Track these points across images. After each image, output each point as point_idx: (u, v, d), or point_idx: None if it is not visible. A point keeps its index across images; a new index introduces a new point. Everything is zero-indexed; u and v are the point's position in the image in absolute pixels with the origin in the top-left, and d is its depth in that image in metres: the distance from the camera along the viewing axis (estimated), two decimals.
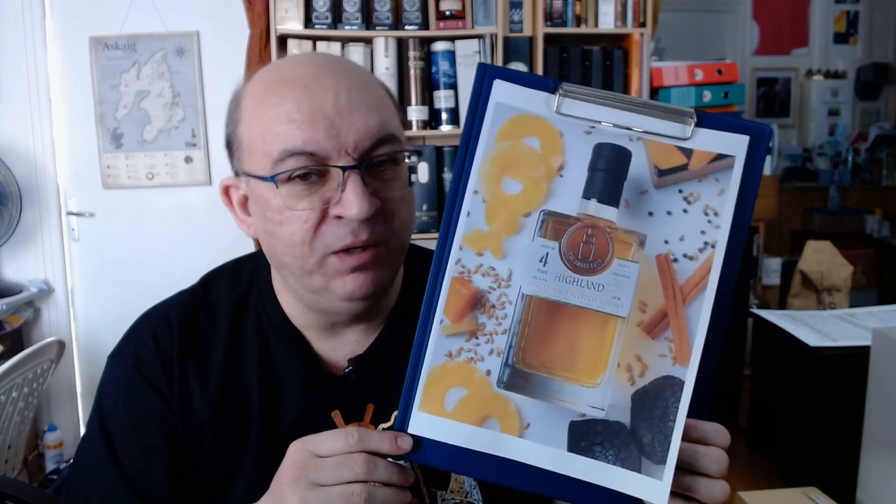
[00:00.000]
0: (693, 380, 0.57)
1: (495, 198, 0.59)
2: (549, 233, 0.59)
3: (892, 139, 5.17)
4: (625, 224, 0.59)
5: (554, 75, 2.80)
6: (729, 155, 0.59)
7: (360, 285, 0.73)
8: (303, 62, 0.75)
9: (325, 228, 0.71)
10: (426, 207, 2.78)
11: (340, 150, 0.69)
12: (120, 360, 0.81)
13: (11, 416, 1.98)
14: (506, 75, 0.60)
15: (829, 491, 1.60)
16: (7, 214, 2.81)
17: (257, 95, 0.74)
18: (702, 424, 0.59)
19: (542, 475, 0.57)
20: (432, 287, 0.60)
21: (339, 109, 0.70)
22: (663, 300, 0.58)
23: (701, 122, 0.60)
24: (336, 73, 0.72)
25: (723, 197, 0.59)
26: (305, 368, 0.80)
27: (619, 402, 0.57)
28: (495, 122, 0.60)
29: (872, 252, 4.65)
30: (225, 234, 2.89)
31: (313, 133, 0.69)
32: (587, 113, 0.60)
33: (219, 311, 0.82)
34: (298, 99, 0.70)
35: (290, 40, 2.69)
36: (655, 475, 0.56)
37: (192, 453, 0.78)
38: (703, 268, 0.58)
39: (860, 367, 1.76)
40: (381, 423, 0.80)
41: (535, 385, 0.58)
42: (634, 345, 0.58)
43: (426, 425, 0.59)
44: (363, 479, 0.58)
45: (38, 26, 2.93)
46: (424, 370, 0.59)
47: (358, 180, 0.69)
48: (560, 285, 0.58)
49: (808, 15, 5.51)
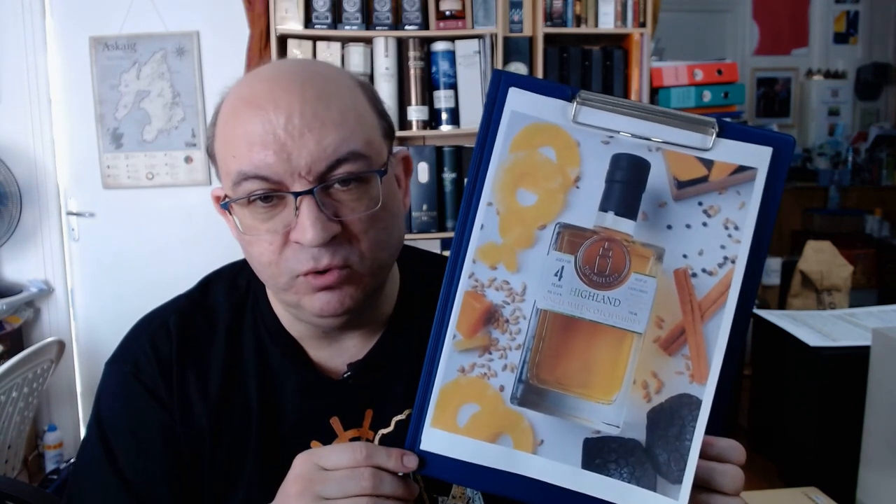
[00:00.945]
0: (711, 399, 0.56)
1: (509, 210, 0.58)
2: (564, 246, 0.58)
3: (892, 139, 5.17)
4: (642, 237, 0.57)
5: (554, 75, 2.80)
6: (751, 167, 0.57)
7: (327, 303, 0.71)
8: (262, 78, 0.72)
9: (287, 252, 0.69)
10: (426, 207, 2.78)
11: (293, 174, 0.66)
12: (118, 368, 0.80)
13: (11, 416, 1.98)
14: (521, 83, 0.59)
15: (829, 491, 1.60)
16: (7, 214, 2.81)
17: (225, 113, 0.73)
18: (717, 441, 0.58)
19: (556, 492, 0.57)
20: (444, 301, 0.58)
21: (290, 131, 0.66)
22: (681, 316, 0.57)
23: (723, 133, 0.58)
24: (291, 89, 0.68)
25: (744, 210, 0.57)
26: (304, 374, 0.80)
27: (634, 420, 0.57)
28: (510, 131, 0.58)
29: (872, 252, 4.65)
30: (225, 234, 2.87)
31: (265, 157, 0.66)
32: (605, 122, 0.58)
33: (217, 317, 0.82)
34: (253, 121, 0.68)
35: (290, 40, 2.68)
36: (671, 494, 0.55)
37: (192, 459, 0.78)
38: (723, 283, 0.57)
39: (860, 367, 1.76)
40: (380, 429, 0.80)
41: (549, 401, 0.57)
42: (651, 361, 0.57)
43: (438, 441, 0.58)
44: (369, 494, 0.57)
45: (38, 26, 2.92)
46: (437, 386, 0.58)
47: (312, 205, 0.66)
48: (575, 300, 0.57)
49: (808, 15, 5.51)
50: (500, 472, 0.57)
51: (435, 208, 2.79)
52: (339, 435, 0.78)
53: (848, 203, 5.06)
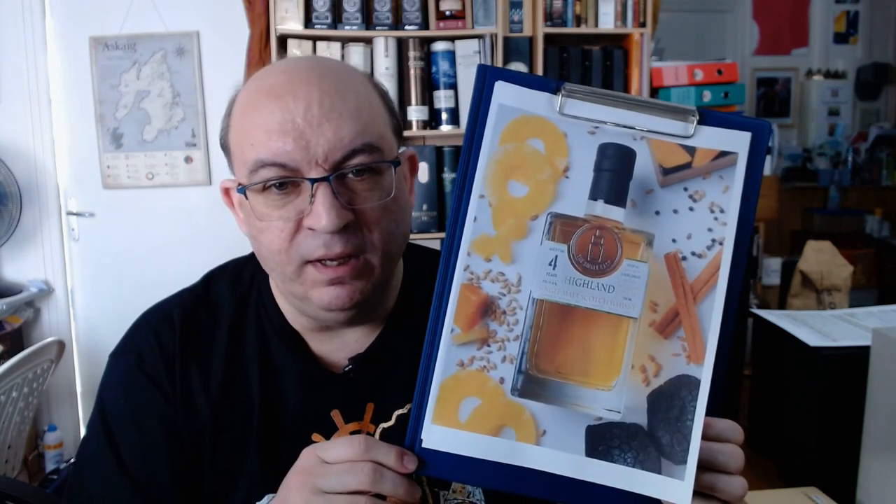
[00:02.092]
0: (709, 378, 0.57)
1: (502, 202, 0.59)
2: (557, 235, 0.58)
3: (892, 139, 5.18)
4: (632, 224, 0.58)
5: (554, 75, 2.80)
6: (732, 152, 0.59)
7: (336, 297, 0.72)
8: (280, 70, 0.74)
9: (300, 238, 0.71)
10: (426, 207, 2.78)
11: (311, 162, 0.69)
12: (122, 359, 0.81)
13: (11, 416, 1.98)
14: (507, 76, 0.60)
15: (829, 491, 1.60)
16: (7, 214, 2.81)
17: (242, 104, 0.74)
18: (717, 422, 0.58)
19: (561, 482, 0.57)
20: (440, 295, 0.58)
21: (309, 120, 0.69)
22: (674, 299, 0.58)
23: (703, 120, 0.59)
24: (310, 80, 0.71)
25: (728, 194, 0.59)
26: (306, 367, 0.80)
27: (635, 404, 0.57)
28: (499, 124, 0.59)
29: (872, 252, 4.66)
30: (225, 233, 2.88)
31: (283, 144, 0.69)
32: (590, 113, 0.59)
33: (220, 310, 0.82)
34: (272, 110, 0.70)
35: (290, 40, 2.69)
36: (677, 475, 0.56)
37: (194, 451, 0.78)
38: (712, 265, 0.58)
39: (860, 367, 1.76)
40: (381, 423, 0.80)
41: (550, 391, 0.57)
42: (647, 345, 0.58)
43: (440, 438, 0.57)
44: (367, 489, 0.57)
45: (38, 26, 2.93)
46: (436, 381, 0.58)
47: (327, 192, 0.69)
48: (570, 288, 0.58)
49: (808, 15, 5.51)
50: (505, 466, 0.57)
51: (435, 208, 2.80)
52: (340, 428, 0.79)
53: (848, 203, 5.07)
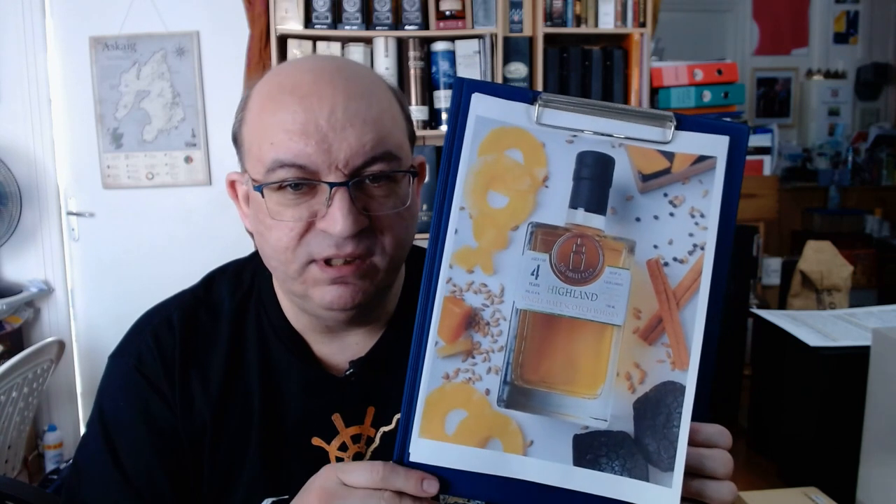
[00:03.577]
0: (694, 383, 0.57)
1: (482, 213, 0.59)
2: (538, 245, 0.58)
3: (892, 139, 5.17)
4: (613, 231, 0.58)
5: (554, 75, 2.80)
6: (710, 156, 0.59)
7: (338, 297, 0.73)
8: (305, 69, 0.73)
9: (309, 238, 0.71)
10: (426, 207, 2.79)
11: (331, 165, 0.69)
12: (121, 361, 0.81)
13: (11, 416, 1.98)
14: (484, 88, 0.60)
15: (829, 491, 1.60)
16: (7, 214, 2.81)
17: (261, 99, 0.74)
18: (704, 427, 0.58)
19: (550, 492, 0.57)
20: (423, 308, 0.58)
21: (332, 123, 0.69)
22: (657, 305, 0.58)
23: (680, 125, 0.59)
24: (335, 83, 0.70)
25: (708, 198, 0.59)
26: (306, 370, 0.80)
27: (621, 412, 0.57)
28: (477, 135, 0.59)
29: (872, 252, 4.66)
30: (225, 234, 2.89)
31: (304, 146, 0.68)
32: (568, 122, 0.59)
33: (220, 312, 0.82)
34: (295, 110, 0.69)
35: (290, 40, 2.69)
36: (664, 482, 0.56)
37: (194, 454, 0.78)
38: (695, 270, 0.58)
39: (860, 367, 1.76)
40: (382, 426, 0.80)
41: (536, 401, 0.57)
42: (632, 352, 0.58)
43: (428, 451, 0.57)
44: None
45: (38, 26, 2.93)
46: (422, 394, 0.58)
47: (345, 197, 0.69)
48: (553, 297, 0.58)
49: (808, 15, 5.51)
50: (493, 477, 0.57)
51: None
52: (341, 432, 0.79)
53: (848, 203, 5.07)
